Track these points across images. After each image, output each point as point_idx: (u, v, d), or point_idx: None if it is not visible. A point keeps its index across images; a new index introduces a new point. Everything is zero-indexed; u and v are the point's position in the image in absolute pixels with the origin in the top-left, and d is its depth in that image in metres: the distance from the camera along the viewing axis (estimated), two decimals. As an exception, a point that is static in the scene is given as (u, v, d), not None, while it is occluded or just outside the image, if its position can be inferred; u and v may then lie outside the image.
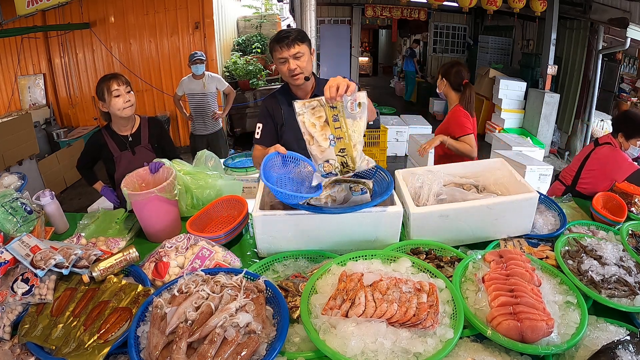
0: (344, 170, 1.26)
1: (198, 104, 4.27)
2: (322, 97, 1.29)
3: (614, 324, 1.20)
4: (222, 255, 1.46)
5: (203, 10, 6.05)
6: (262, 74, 6.57)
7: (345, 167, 1.27)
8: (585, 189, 2.39)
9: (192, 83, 4.22)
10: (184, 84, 4.25)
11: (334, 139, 1.26)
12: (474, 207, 1.52)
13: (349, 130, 1.26)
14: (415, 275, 1.30)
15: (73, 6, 5.86)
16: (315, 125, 1.28)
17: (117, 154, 2.12)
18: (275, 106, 1.91)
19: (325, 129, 1.26)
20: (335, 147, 1.25)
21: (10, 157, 4.39)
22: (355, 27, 8.88)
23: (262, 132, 1.92)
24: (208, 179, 1.97)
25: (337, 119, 1.26)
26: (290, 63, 1.72)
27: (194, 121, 4.35)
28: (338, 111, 1.26)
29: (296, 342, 1.14)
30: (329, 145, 1.26)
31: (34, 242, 1.34)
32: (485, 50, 8.79)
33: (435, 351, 1.02)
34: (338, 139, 1.26)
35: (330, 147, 1.26)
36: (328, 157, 1.26)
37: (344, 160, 1.25)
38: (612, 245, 1.51)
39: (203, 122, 4.33)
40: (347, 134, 1.26)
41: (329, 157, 1.26)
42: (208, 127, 4.36)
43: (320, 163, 1.28)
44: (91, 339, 1.09)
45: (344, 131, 1.25)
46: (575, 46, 6.03)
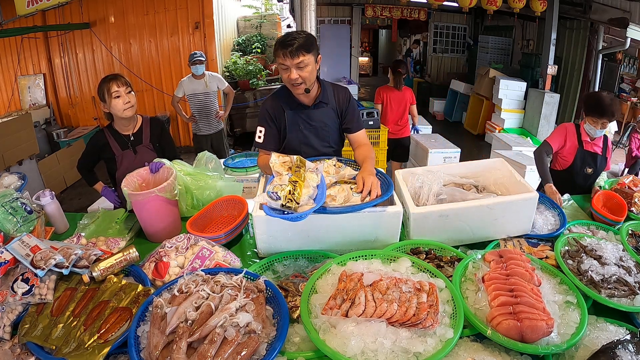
0: (288, 197, 1.31)
1: (202, 103, 4.23)
2: (294, 157, 1.50)
3: (614, 324, 1.20)
4: (222, 255, 1.46)
5: (203, 10, 6.05)
6: (262, 74, 6.57)
7: (292, 195, 1.32)
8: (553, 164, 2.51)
9: (193, 83, 4.18)
10: (184, 85, 4.18)
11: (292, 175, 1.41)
12: (474, 207, 1.52)
13: (306, 179, 1.41)
14: (415, 275, 1.30)
15: (73, 6, 5.86)
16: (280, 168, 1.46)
17: (119, 153, 2.13)
18: (278, 109, 1.81)
19: (288, 171, 1.44)
20: (290, 178, 1.38)
21: (10, 157, 4.39)
22: (355, 27, 8.88)
23: (264, 136, 1.82)
24: (208, 179, 1.97)
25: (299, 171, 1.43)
26: (292, 72, 1.63)
27: (197, 122, 4.29)
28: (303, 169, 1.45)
29: (296, 342, 1.14)
30: (286, 175, 1.40)
31: (34, 242, 1.34)
32: (485, 50, 8.78)
33: (435, 351, 1.02)
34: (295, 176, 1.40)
35: (286, 176, 1.39)
36: (282, 182, 1.36)
37: (291, 189, 1.33)
38: (612, 245, 1.51)
39: (207, 122, 4.30)
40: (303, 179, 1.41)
41: (283, 182, 1.36)
42: (212, 126, 4.35)
43: (273, 185, 1.36)
44: (91, 338, 1.09)
45: (301, 177, 1.41)
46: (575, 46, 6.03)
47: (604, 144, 2.35)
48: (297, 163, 1.47)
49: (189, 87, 4.19)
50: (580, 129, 2.34)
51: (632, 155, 5.12)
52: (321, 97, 1.80)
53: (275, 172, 1.43)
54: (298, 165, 1.46)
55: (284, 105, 1.80)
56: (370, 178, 1.49)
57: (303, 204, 1.33)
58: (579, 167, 2.33)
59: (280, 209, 1.31)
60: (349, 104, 1.87)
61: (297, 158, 1.49)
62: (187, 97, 4.23)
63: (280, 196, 1.30)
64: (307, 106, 1.81)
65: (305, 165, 1.48)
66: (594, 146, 2.32)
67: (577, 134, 2.34)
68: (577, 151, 2.32)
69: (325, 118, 1.84)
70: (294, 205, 1.31)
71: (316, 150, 1.86)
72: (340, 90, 1.89)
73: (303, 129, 1.83)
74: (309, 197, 1.36)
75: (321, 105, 1.82)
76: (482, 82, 7.30)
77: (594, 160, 2.31)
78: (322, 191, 1.40)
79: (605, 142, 2.36)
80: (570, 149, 2.34)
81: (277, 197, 1.30)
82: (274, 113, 1.81)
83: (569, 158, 2.35)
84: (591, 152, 2.32)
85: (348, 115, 1.87)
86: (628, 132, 5.59)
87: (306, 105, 1.81)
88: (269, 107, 1.82)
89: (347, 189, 1.49)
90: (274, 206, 1.30)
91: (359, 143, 1.85)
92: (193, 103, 4.25)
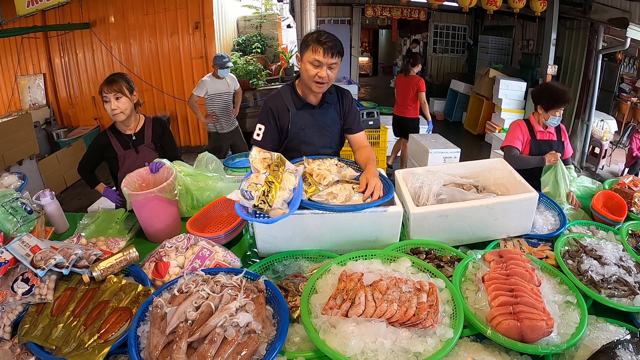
0: (261, 198, 1.26)
1: (225, 102, 4.29)
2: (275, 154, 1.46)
3: (614, 324, 1.20)
4: (222, 255, 1.46)
5: (203, 10, 6.05)
6: (262, 74, 6.57)
7: (265, 196, 1.27)
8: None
9: (216, 83, 4.21)
10: (207, 84, 4.17)
11: (269, 174, 1.36)
12: (474, 207, 1.52)
13: (283, 181, 1.37)
14: (415, 275, 1.30)
15: (73, 6, 5.86)
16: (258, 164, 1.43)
17: (121, 152, 2.14)
18: (282, 108, 1.80)
19: (266, 169, 1.40)
20: (266, 177, 1.33)
21: (10, 157, 4.39)
22: (355, 27, 8.87)
23: (263, 133, 1.80)
24: (208, 180, 1.97)
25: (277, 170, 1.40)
26: (323, 70, 1.64)
27: (219, 120, 4.33)
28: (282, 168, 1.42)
29: (296, 342, 1.14)
30: (263, 173, 1.35)
31: (34, 242, 1.34)
32: (485, 50, 8.78)
33: (435, 351, 1.02)
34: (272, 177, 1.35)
35: (263, 175, 1.34)
36: (258, 181, 1.32)
37: (266, 190, 1.29)
38: (612, 245, 1.51)
39: (228, 121, 4.39)
40: (280, 180, 1.36)
41: (259, 181, 1.31)
42: (232, 124, 4.45)
43: (248, 182, 1.31)
44: (91, 338, 1.09)
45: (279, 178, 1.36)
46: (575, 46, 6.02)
47: (557, 130, 2.40)
48: (277, 161, 1.42)
49: (213, 87, 4.20)
50: (530, 123, 2.39)
51: (633, 155, 5.12)
52: (327, 98, 1.83)
53: (253, 167, 1.39)
54: (277, 163, 1.41)
55: (288, 104, 1.80)
56: (374, 179, 1.49)
57: (276, 207, 1.27)
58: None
59: (252, 209, 1.26)
60: (350, 105, 1.89)
61: (278, 156, 1.44)
62: (210, 96, 4.23)
63: (254, 196, 1.26)
64: (312, 106, 1.82)
65: (285, 165, 1.43)
66: (547, 134, 2.37)
67: (528, 127, 2.39)
68: (531, 142, 2.36)
69: (329, 119, 1.86)
70: (266, 207, 1.25)
71: (317, 151, 1.86)
72: (343, 91, 1.91)
73: (306, 128, 1.83)
74: (283, 201, 1.30)
75: (326, 106, 1.84)
76: (482, 82, 7.30)
77: (550, 147, 2.34)
78: (297, 195, 1.35)
79: (559, 128, 2.41)
80: (526, 144, 2.38)
81: (250, 197, 1.26)
82: (277, 111, 1.80)
83: (525, 152, 2.38)
84: (546, 140, 2.36)
85: (349, 117, 1.88)
86: (628, 132, 5.59)
87: (312, 105, 1.82)
88: (272, 105, 1.80)
89: (349, 188, 1.49)
90: (245, 205, 1.26)
91: (359, 145, 1.86)
92: (215, 102, 4.26)
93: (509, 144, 2.37)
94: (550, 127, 2.37)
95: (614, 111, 7.37)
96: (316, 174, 1.52)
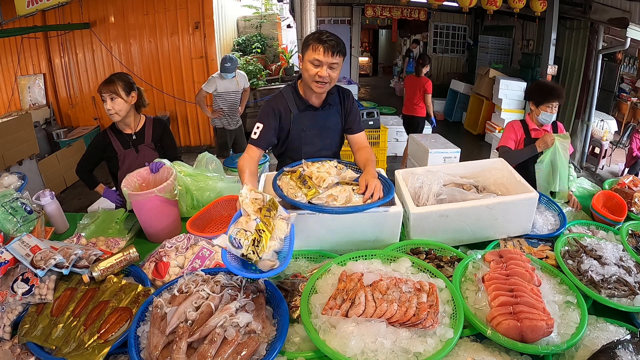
0: (251, 247, 1.15)
1: (232, 100, 4.36)
2: (267, 196, 1.32)
3: (614, 324, 1.20)
4: (222, 255, 1.46)
5: (203, 10, 6.05)
6: (262, 74, 6.58)
7: (255, 246, 1.17)
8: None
9: (226, 81, 4.26)
10: (217, 81, 4.24)
11: (260, 221, 1.24)
12: (474, 207, 1.52)
13: (275, 229, 1.26)
14: (415, 275, 1.30)
15: (73, 6, 5.86)
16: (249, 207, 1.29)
17: (121, 152, 2.15)
18: (285, 109, 1.77)
19: (257, 213, 1.27)
20: (257, 225, 1.21)
21: (10, 157, 4.39)
22: (355, 27, 8.87)
23: (260, 132, 1.74)
24: (208, 180, 1.97)
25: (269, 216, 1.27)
26: (324, 70, 1.61)
27: (225, 117, 4.40)
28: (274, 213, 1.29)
29: (296, 342, 1.14)
30: (254, 219, 1.23)
31: (34, 242, 1.34)
32: (485, 50, 8.78)
33: (435, 351, 1.02)
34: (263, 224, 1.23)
35: (253, 222, 1.22)
36: (248, 228, 1.20)
37: (256, 239, 1.18)
38: (612, 245, 1.51)
39: (234, 118, 4.46)
40: (272, 228, 1.25)
41: (249, 228, 1.20)
42: (238, 122, 4.52)
43: (238, 228, 1.20)
44: (91, 338, 1.09)
45: (270, 226, 1.25)
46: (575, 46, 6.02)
47: (554, 129, 2.40)
48: (269, 204, 1.30)
49: (222, 85, 4.26)
50: (526, 122, 2.40)
51: (633, 155, 5.12)
52: (329, 99, 1.81)
53: (243, 209, 1.27)
54: (269, 207, 1.30)
55: (290, 105, 1.78)
56: (374, 181, 1.49)
57: (266, 258, 1.17)
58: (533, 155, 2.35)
59: (240, 257, 1.16)
60: (351, 105, 1.87)
61: (270, 199, 1.32)
62: (218, 94, 4.30)
63: (242, 245, 1.15)
64: (315, 108, 1.80)
65: (277, 210, 1.32)
66: (542, 132, 2.36)
67: (523, 126, 2.40)
68: (525, 140, 2.37)
69: (331, 120, 1.85)
70: (255, 258, 1.15)
71: (316, 153, 1.85)
72: (344, 91, 1.89)
73: (307, 130, 1.82)
74: (273, 252, 1.21)
75: (328, 108, 1.82)
76: (482, 82, 7.30)
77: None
78: (289, 247, 1.25)
79: (556, 126, 2.41)
80: (520, 143, 2.39)
81: (238, 245, 1.15)
82: (278, 111, 1.76)
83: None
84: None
85: (350, 117, 1.87)
86: (628, 132, 5.59)
87: (314, 107, 1.80)
88: (275, 106, 1.76)
89: (349, 190, 1.48)
90: (233, 252, 1.15)
91: (359, 145, 1.85)
92: (223, 100, 4.32)
93: (502, 144, 2.39)
94: (546, 125, 2.37)
95: (614, 111, 7.37)
96: (315, 177, 1.51)
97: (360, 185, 1.50)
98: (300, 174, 1.54)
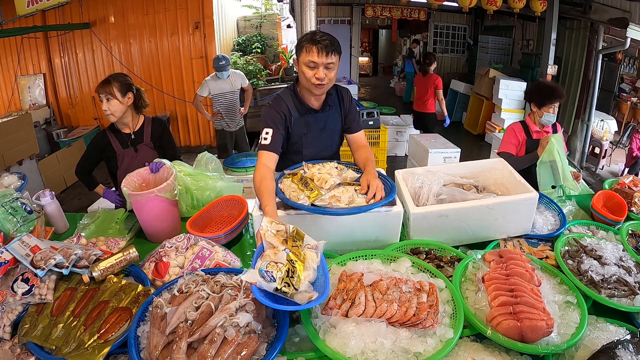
0: (285, 280, 1.05)
1: (229, 102, 4.33)
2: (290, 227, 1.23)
3: (614, 324, 1.20)
4: (222, 255, 1.46)
5: (203, 10, 6.05)
6: (262, 74, 6.58)
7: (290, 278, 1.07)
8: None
9: (219, 83, 4.24)
10: (209, 84, 4.22)
11: (290, 252, 1.14)
12: (474, 207, 1.52)
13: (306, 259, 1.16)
14: (415, 275, 1.30)
15: (73, 6, 5.86)
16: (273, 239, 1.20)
17: (120, 151, 2.15)
18: (287, 112, 1.74)
19: (283, 244, 1.18)
20: (287, 256, 1.12)
21: (10, 157, 4.39)
22: (355, 27, 8.87)
23: (272, 137, 1.66)
24: (208, 180, 1.97)
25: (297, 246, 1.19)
26: (320, 71, 1.56)
27: (223, 119, 4.39)
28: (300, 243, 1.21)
29: (296, 342, 1.14)
30: (283, 250, 1.14)
31: (34, 242, 1.34)
32: (485, 50, 8.78)
33: (435, 351, 1.02)
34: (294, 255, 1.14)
35: (283, 253, 1.13)
36: (278, 259, 1.11)
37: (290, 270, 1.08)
38: (612, 245, 1.51)
39: (233, 119, 4.43)
40: (303, 258, 1.16)
41: (279, 260, 1.10)
42: (238, 123, 4.49)
43: (267, 261, 1.09)
44: (91, 339, 1.09)
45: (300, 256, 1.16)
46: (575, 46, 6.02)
47: (553, 130, 2.39)
48: (294, 234, 1.22)
49: (215, 87, 4.24)
50: (526, 123, 2.40)
51: (633, 155, 5.12)
52: (329, 101, 1.79)
53: (266, 242, 1.18)
54: (294, 237, 1.21)
55: (291, 109, 1.75)
56: (375, 181, 1.48)
57: (302, 290, 1.07)
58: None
59: (273, 292, 1.05)
60: (350, 104, 1.86)
61: (294, 229, 1.23)
62: (213, 96, 4.28)
63: (276, 278, 1.04)
64: (315, 110, 1.78)
65: (303, 240, 1.22)
66: (543, 134, 2.36)
67: (524, 128, 2.39)
68: (527, 142, 2.36)
69: (331, 122, 1.83)
70: (291, 291, 1.04)
71: (317, 154, 1.84)
72: (343, 91, 1.87)
73: (308, 133, 1.80)
74: (309, 283, 1.11)
75: (328, 109, 1.81)
76: (482, 82, 7.30)
77: None
78: (324, 276, 1.15)
79: (555, 128, 2.40)
80: (522, 145, 2.38)
81: (271, 279, 1.04)
82: (285, 115, 1.73)
83: (522, 153, 2.38)
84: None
85: (349, 116, 1.86)
86: (628, 132, 5.59)
87: (314, 110, 1.78)
88: (278, 110, 1.72)
89: (352, 190, 1.48)
90: (265, 288, 1.03)
91: (358, 144, 1.84)
92: (219, 102, 4.31)
93: (503, 150, 2.38)
94: (547, 127, 2.36)
95: (614, 111, 7.37)
96: (317, 179, 1.50)
97: (362, 185, 1.49)
98: (301, 177, 1.53)
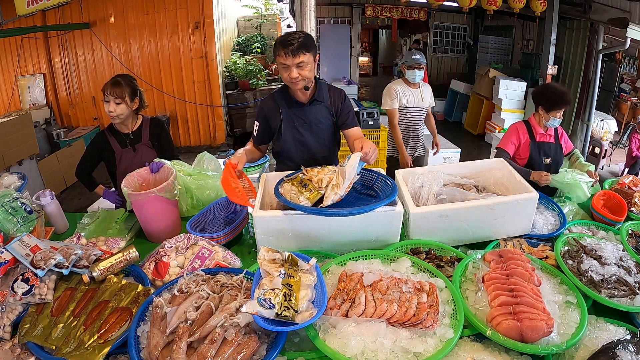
0: (284, 304, 1.07)
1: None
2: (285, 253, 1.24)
3: (614, 324, 1.20)
4: (222, 255, 1.46)
5: (203, 10, 6.05)
6: (262, 74, 6.58)
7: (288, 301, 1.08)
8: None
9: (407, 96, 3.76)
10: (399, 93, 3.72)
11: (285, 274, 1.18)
12: (474, 207, 1.52)
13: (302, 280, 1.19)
14: (415, 275, 1.30)
15: (73, 6, 5.86)
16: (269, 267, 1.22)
17: (119, 151, 2.15)
18: (273, 108, 1.89)
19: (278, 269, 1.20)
20: (282, 280, 1.15)
21: (10, 157, 4.39)
22: (355, 27, 8.88)
23: (257, 129, 1.95)
24: (208, 179, 1.97)
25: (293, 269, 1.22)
26: (292, 71, 1.68)
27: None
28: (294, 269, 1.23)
29: (296, 342, 1.14)
30: (278, 276, 1.16)
31: (34, 242, 1.34)
32: (485, 50, 8.78)
33: (435, 351, 1.02)
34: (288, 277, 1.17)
35: (278, 278, 1.15)
36: (274, 286, 1.13)
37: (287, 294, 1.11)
38: (612, 245, 1.51)
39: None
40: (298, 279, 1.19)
41: (275, 285, 1.12)
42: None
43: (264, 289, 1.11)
44: (91, 338, 1.09)
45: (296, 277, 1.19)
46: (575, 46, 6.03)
47: (555, 132, 2.39)
48: (289, 260, 1.24)
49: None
50: (531, 124, 2.38)
51: (632, 155, 5.12)
52: (316, 95, 1.87)
53: (263, 270, 1.20)
54: (290, 262, 1.23)
55: (280, 103, 1.88)
56: (368, 142, 1.53)
57: (302, 310, 1.09)
58: (537, 159, 2.35)
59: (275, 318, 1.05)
60: (343, 102, 1.93)
61: (289, 255, 1.25)
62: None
63: (275, 304, 1.06)
64: (302, 104, 1.88)
65: (298, 265, 1.24)
66: (547, 136, 2.36)
67: (527, 129, 2.38)
68: (531, 144, 2.35)
69: (320, 115, 1.91)
70: (292, 314, 1.06)
71: (311, 149, 1.93)
72: (334, 90, 1.96)
73: (298, 126, 1.90)
74: (308, 302, 1.13)
75: (316, 103, 1.89)
76: (482, 82, 7.30)
77: (550, 149, 2.35)
78: (321, 290, 1.17)
79: (556, 130, 2.40)
80: (524, 146, 2.37)
81: (270, 305, 1.06)
82: (267, 111, 1.90)
83: (525, 154, 2.37)
84: (546, 142, 2.36)
85: (343, 113, 1.93)
86: (628, 132, 5.59)
87: (302, 103, 1.88)
88: (264, 105, 1.93)
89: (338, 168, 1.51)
90: (266, 315, 1.04)
91: (355, 137, 1.88)
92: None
93: (501, 147, 2.37)
94: (550, 129, 2.37)
95: (614, 111, 7.37)
96: (315, 180, 1.53)
97: (355, 147, 1.53)
98: (300, 179, 1.56)
